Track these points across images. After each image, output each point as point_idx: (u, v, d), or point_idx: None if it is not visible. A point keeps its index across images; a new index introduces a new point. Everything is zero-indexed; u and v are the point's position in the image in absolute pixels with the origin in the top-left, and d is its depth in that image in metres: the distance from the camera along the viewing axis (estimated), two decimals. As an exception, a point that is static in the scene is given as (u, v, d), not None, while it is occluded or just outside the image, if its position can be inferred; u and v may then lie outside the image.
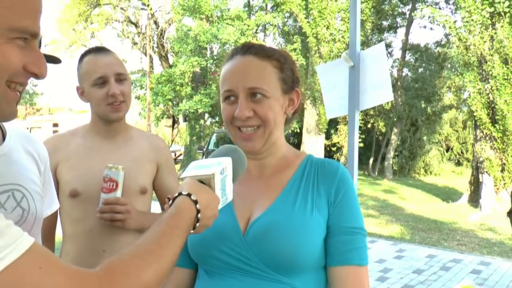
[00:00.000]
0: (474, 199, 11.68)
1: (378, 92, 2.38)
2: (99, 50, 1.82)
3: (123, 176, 1.69)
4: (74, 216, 1.76)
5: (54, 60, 1.31)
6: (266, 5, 20.26)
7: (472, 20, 10.50)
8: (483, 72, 10.76)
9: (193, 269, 1.27)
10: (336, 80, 2.60)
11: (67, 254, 1.79)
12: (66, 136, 1.87)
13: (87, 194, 1.73)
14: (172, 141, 24.71)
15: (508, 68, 10.25)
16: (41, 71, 0.85)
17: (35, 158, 1.33)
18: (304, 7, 15.89)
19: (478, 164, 11.48)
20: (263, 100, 1.15)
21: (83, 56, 1.82)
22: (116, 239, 1.76)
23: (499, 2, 10.04)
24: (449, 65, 19.65)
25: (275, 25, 19.12)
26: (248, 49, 1.20)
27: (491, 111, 10.85)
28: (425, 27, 24.27)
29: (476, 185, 11.79)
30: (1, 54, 0.78)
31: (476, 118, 11.14)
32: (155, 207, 1.91)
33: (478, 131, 11.46)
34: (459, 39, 11.10)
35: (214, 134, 14.50)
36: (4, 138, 1.24)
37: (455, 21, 11.52)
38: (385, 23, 21.36)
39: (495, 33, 10.33)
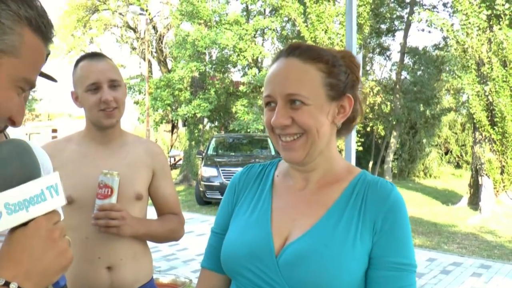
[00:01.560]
0: (474, 202, 11.67)
1: None
2: (94, 55, 1.81)
3: (118, 182, 1.68)
4: (69, 223, 1.74)
5: (51, 78, 1.32)
6: (265, 10, 20.31)
7: (470, 23, 10.52)
8: (481, 75, 10.78)
9: (227, 276, 1.21)
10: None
11: None
12: (61, 142, 1.86)
13: (82, 201, 1.72)
14: (172, 146, 24.70)
15: (507, 70, 10.27)
16: (20, 120, 0.87)
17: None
18: (302, 11, 15.94)
19: (478, 167, 11.48)
20: (303, 107, 1.05)
21: (78, 61, 1.81)
22: (111, 246, 1.75)
23: (499, 4, 10.06)
24: (447, 68, 19.67)
25: (274, 30, 19.15)
26: (292, 50, 1.10)
27: (490, 114, 10.85)
28: (423, 30, 24.33)
29: (475, 188, 11.78)
30: (9, 97, 0.82)
31: (475, 121, 11.14)
32: (151, 213, 1.91)
33: (477, 133, 11.46)
34: (457, 42, 11.11)
35: (214, 139, 14.49)
36: None
37: (452, 24, 11.55)
38: (383, 27, 21.39)
39: (493, 35, 10.35)
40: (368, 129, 19.72)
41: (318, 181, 1.15)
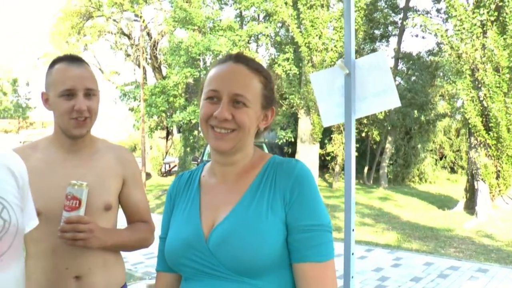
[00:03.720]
0: (470, 206, 11.69)
1: (381, 99, 2.38)
2: (72, 59, 1.73)
3: (86, 193, 1.61)
4: (35, 235, 1.63)
5: None
6: (258, 15, 20.35)
7: (464, 28, 10.58)
8: (476, 80, 10.83)
9: (178, 273, 1.34)
10: (331, 88, 2.58)
11: (30, 271, 1.69)
12: (25, 150, 1.74)
13: (49, 213, 1.63)
14: (167, 152, 24.64)
15: (499, 76, 10.32)
16: None
17: (13, 173, 1.34)
18: (295, 16, 15.98)
19: (473, 172, 11.51)
20: (243, 108, 1.22)
21: (54, 62, 1.72)
22: (79, 256, 1.69)
23: (488, 12, 10.14)
24: (441, 74, 19.77)
25: (267, 35, 19.19)
26: (241, 58, 1.27)
27: (485, 119, 10.90)
28: (417, 36, 24.44)
29: (471, 192, 11.81)
30: None
31: (470, 126, 11.19)
32: (121, 221, 1.87)
33: (472, 138, 11.50)
34: (451, 48, 11.17)
35: (209, 145, 14.47)
36: None
37: (446, 30, 11.61)
38: (377, 32, 21.50)
39: (486, 41, 10.41)
40: (363, 134, 19.78)
41: (237, 174, 1.30)
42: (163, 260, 1.37)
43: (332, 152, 19.17)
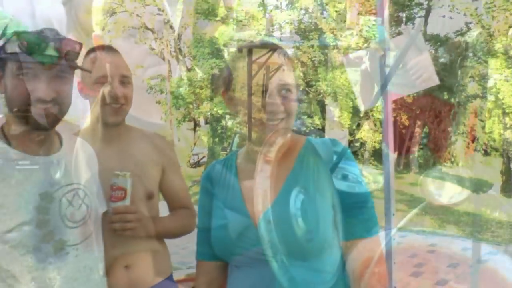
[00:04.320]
0: (507, 189, 11.46)
1: (418, 78, 2.32)
2: (108, 48, 1.76)
3: (131, 183, 1.63)
4: None
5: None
6: (281, 3, 20.19)
7: (495, 6, 10.28)
8: (509, 59, 10.53)
9: (222, 261, 1.35)
10: (366, 70, 2.53)
11: None
12: None
13: None
14: (195, 144, 24.83)
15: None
16: None
17: (87, 160, 1.48)
18: (319, 2, 15.82)
19: (509, 153, 11.24)
20: (289, 94, 1.23)
21: (89, 51, 1.74)
22: (127, 246, 1.72)
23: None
24: (471, 54, 19.28)
25: (291, 23, 19.03)
26: (272, 46, 1.26)
27: (519, 98, 10.62)
28: (444, 16, 23.79)
29: (507, 175, 11.56)
30: None
31: (504, 106, 10.90)
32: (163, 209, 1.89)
33: (507, 118, 11.21)
34: (482, 26, 10.87)
35: (237, 135, 14.52)
36: (61, 144, 1.41)
37: (476, 8, 11.31)
38: (402, 15, 21.06)
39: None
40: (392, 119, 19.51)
41: (277, 158, 1.26)
42: (204, 248, 1.38)
43: (361, 138, 18.95)
